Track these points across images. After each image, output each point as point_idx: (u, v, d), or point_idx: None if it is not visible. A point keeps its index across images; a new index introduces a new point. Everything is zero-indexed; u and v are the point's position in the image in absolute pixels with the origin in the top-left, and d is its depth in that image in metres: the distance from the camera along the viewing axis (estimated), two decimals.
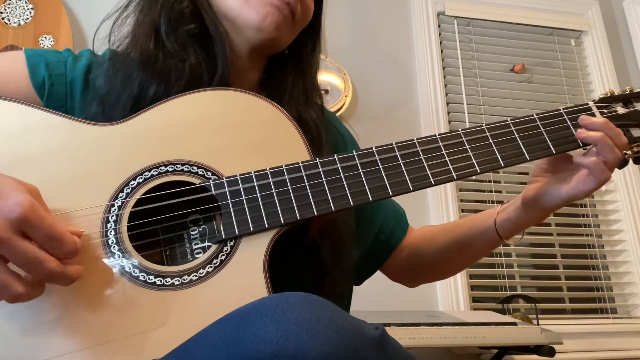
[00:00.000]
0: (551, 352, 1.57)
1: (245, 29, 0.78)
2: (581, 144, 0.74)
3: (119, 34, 0.79)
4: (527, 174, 0.82)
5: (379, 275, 1.00)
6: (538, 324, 1.76)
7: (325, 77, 2.13)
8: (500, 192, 2.27)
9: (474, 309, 2.04)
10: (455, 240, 0.88)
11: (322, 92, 2.17)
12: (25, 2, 1.94)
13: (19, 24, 1.92)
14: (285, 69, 0.85)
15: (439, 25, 2.44)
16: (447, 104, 2.31)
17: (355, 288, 0.94)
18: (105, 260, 0.61)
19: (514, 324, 1.62)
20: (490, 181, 2.25)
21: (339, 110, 2.09)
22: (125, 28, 0.79)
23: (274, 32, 0.77)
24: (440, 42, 2.41)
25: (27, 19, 1.93)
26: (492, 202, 2.22)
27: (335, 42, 2.28)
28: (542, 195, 0.77)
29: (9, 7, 1.93)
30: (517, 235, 0.83)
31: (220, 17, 0.79)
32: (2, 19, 1.91)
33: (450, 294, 2.01)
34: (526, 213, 0.79)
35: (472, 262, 0.94)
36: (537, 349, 1.60)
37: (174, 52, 0.75)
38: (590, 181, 0.73)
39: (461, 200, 2.21)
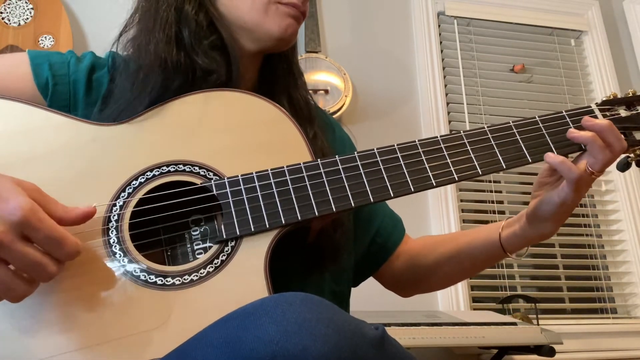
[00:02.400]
0: (551, 352, 1.57)
1: (265, 39, 0.79)
2: (583, 146, 0.74)
3: (126, 41, 0.79)
4: (528, 174, 0.81)
5: None
6: (538, 324, 1.76)
7: (325, 77, 2.13)
8: (500, 192, 2.27)
9: (474, 309, 2.04)
10: (456, 251, 0.87)
11: (322, 91, 2.17)
12: (25, 2, 1.94)
13: (19, 24, 1.92)
14: (276, 66, 0.87)
15: (439, 25, 2.44)
16: (447, 104, 2.31)
17: (355, 288, 0.94)
18: (106, 260, 0.61)
19: (514, 324, 1.62)
20: (490, 181, 2.25)
21: (339, 110, 2.09)
22: (134, 34, 0.78)
23: (292, 39, 0.81)
24: (440, 42, 2.41)
25: (27, 19, 1.93)
26: (492, 201, 2.22)
27: (335, 42, 2.28)
28: (540, 205, 0.76)
29: (9, 7, 1.93)
30: (523, 249, 0.83)
31: (231, 24, 0.79)
32: (2, 19, 1.91)
33: (450, 294, 2.01)
34: (531, 227, 0.79)
35: (470, 275, 0.93)
36: (537, 349, 1.60)
37: (204, 66, 0.74)
38: (567, 182, 0.72)
39: (461, 201, 2.21)
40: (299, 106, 0.83)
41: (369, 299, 1.40)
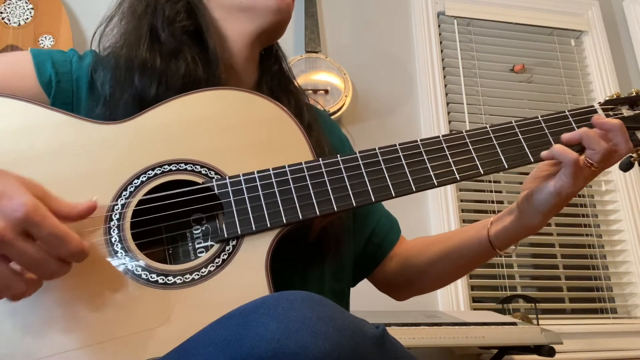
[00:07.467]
0: (551, 352, 1.57)
1: (264, 13, 0.80)
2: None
3: (111, 35, 0.79)
4: (528, 174, 0.81)
5: None
6: (538, 324, 1.76)
7: (325, 77, 2.13)
8: (500, 192, 2.27)
9: (474, 309, 2.04)
10: (447, 251, 0.87)
11: (322, 91, 2.17)
12: (25, 2, 1.94)
13: (19, 24, 1.92)
14: (271, 66, 0.89)
15: (439, 25, 2.44)
16: (447, 104, 2.31)
17: (355, 287, 0.94)
18: (108, 259, 0.62)
19: (514, 324, 1.62)
20: (490, 181, 2.25)
21: (339, 110, 2.09)
22: (117, 29, 0.79)
23: (288, 13, 0.82)
24: (440, 42, 2.41)
25: (27, 19, 1.93)
26: (492, 201, 2.22)
27: (335, 42, 2.28)
28: (533, 194, 0.75)
29: (9, 7, 1.93)
30: (512, 246, 0.82)
31: (229, 10, 0.80)
32: (2, 19, 1.91)
33: (450, 294, 2.01)
34: (522, 218, 0.78)
35: (463, 274, 0.92)
36: (537, 349, 1.60)
37: (170, 47, 0.75)
38: (564, 167, 0.71)
39: (461, 201, 2.21)
40: (295, 101, 0.85)
41: (369, 299, 1.40)
